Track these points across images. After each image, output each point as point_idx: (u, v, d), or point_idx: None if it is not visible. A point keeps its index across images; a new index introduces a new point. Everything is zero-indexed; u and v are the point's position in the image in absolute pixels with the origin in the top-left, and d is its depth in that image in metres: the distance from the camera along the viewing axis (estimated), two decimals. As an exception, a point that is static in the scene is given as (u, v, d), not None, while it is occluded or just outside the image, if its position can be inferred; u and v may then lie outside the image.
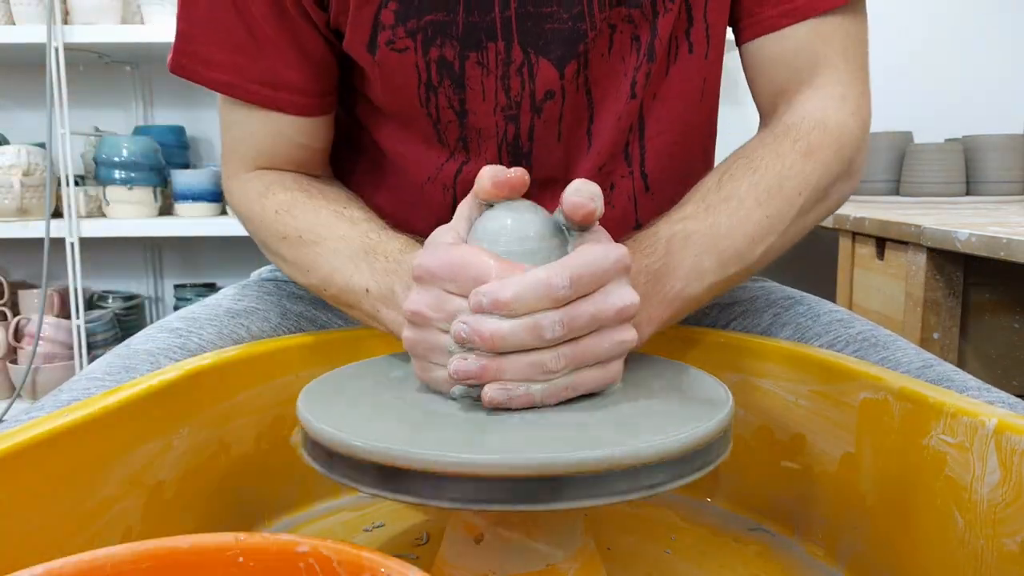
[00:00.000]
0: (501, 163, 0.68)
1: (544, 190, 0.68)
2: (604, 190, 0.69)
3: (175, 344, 0.63)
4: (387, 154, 0.74)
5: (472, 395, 0.45)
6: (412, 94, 0.67)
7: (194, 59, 0.68)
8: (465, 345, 0.43)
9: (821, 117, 0.64)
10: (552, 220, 0.46)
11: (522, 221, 0.46)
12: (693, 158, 0.74)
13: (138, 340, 0.65)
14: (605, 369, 0.46)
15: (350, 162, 0.78)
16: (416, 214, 0.73)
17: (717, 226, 0.59)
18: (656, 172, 0.71)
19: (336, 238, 0.63)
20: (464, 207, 0.49)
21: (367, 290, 0.59)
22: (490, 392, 0.43)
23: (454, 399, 0.46)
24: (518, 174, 0.46)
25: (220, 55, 0.67)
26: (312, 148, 0.73)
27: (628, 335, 0.46)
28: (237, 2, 0.65)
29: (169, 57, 0.69)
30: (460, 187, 0.71)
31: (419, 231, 0.72)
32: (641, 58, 0.66)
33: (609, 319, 0.44)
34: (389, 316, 0.58)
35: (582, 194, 0.44)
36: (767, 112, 0.71)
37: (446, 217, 0.71)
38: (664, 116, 0.69)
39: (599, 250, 0.45)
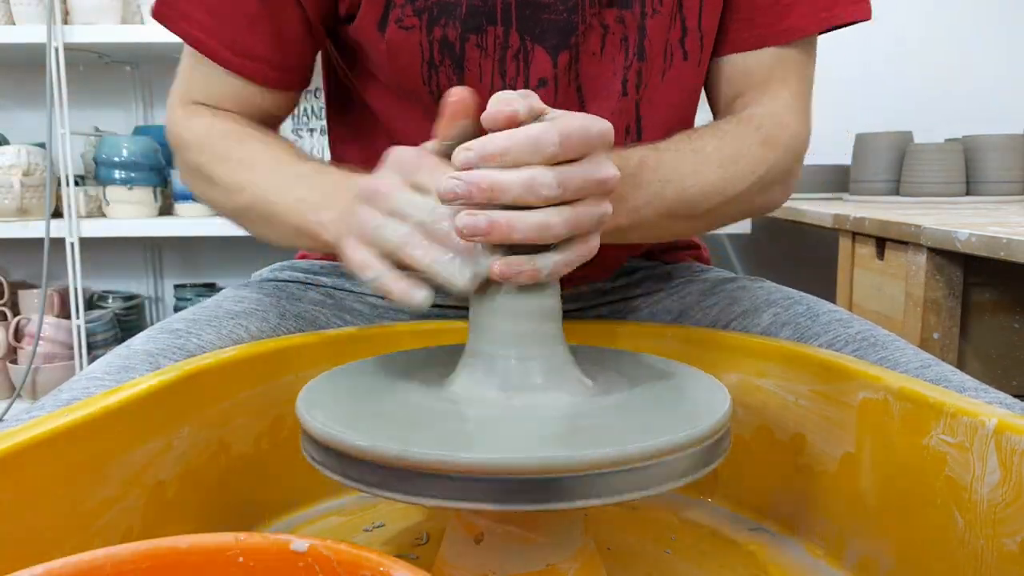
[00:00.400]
0: None
1: None
2: None
3: (174, 345, 0.63)
4: (385, 125, 0.75)
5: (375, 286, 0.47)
6: (416, 71, 0.69)
7: (173, 10, 0.71)
8: (456, 202, 0.43)
9: (780, 115, 0.70)
10: None
11: None
12: None
13: (138, 341, 0.65)
14: (586, 243, 0.46)
15: (361, 136, 0.79)
16: None
17: (683, 166, 0.63)
18: None
19: (277, 162, 0.66)
20: (428, 146, 0.51)
21: (299, 199, 0.62)
22: (498, 267, 0.43)
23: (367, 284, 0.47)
24: (458, 93, 0.47)
25: (197, 12, 0.70)
26: (268, 113, 0.75)
27: (608, 208, 0.46)
28: None
29: (153, 3, 0.72)
30: None
31: None
32: (631, 57, 0.69)
33: (595, 188, 0.45)
34: (319, 218, 0.59)
35: (498, 102, 0.44)
36: (724, 112, 0.75)
37: None
38: (660, 121, 0.72)
39: (585, 118, 0.45)
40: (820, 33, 0.72)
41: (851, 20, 0.71)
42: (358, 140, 0.80)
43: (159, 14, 0.71)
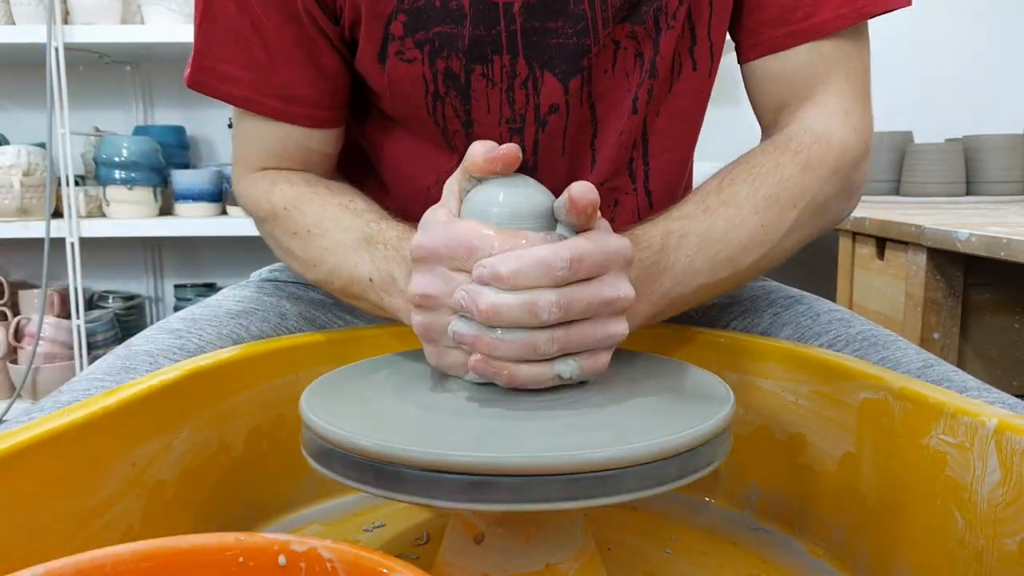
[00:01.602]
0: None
1: None
2: (607, 205, 0.70)
3: (174, 345, 0.63)
4: (395, 160, 0.74)
5: (485, 379, 0.45)
6: (420, 103, 0.68)
7: (211, 75, 0.70)
8: (465, 313, 0.44)
9: (823, 131, 0.65)
10: (548, 197, 0.46)
11: (516, 195, 0.46)
12: (688, 176, 0.75)
13: (138, 341, 0.65)
14: (593, 359, 0.46)
15: (358, 171, 0.79)
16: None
17: (713, 229, 0.59)
18: (660, 189, 0.72)
19: (340, 230, 0.64)
20: (453, 183, 0.49)
21: (370, 279, 0.60)
22: (473, 362, 0.44)
23: (468, 381, 0.46)
24: (511, 149, 0.46)
25: (236, 70, 0.69)
26: (323, 153, 0.74)
27: (619, 328, 0.46)
28: (254, 19, 0.67)
29: (187, 73, 0.71)
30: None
31: None
32: (643, 75, 0.67)
33: (603, 308, 0.45)
34: (393, 304, 0.59)
35: (586, 190, 0.44)
36: (768, 125, 0.71)
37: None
38: (667, 133, 0.70)
39: (601, 237, 0.45)
40: (859, 22, 0.67)
41: (890, 7, 0.66)
42: (354, 179, 0.79)
43: (196, 82, 0.70)
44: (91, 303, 2.31)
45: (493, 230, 0.44)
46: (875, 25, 0.70)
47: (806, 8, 0.66)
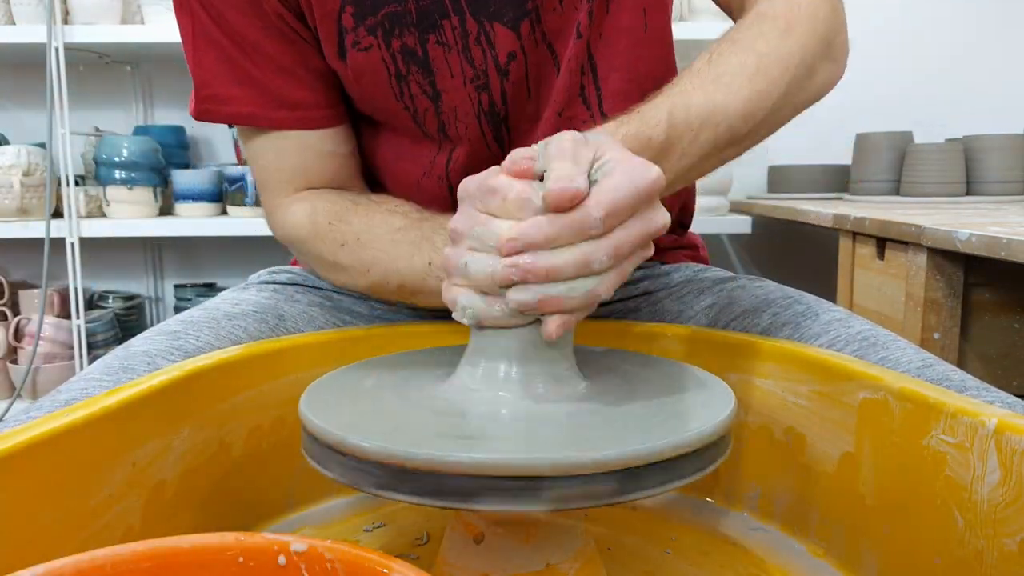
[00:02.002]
0: (483, 133, 0.71)
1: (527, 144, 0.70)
2: None
3: (172, 346, 0.63)
4: (383, 161, 0.76)
5: (477, 322, 0.46)
6: (386, 89, 0.69)
7: (214, 101, 0.71)
8: (520, 278, 0.43)
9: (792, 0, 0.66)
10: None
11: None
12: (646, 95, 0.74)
13: (137, 342, 0.65)
14: (639, 254, 0.46)
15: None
16: (421, 204, 0.75)
17: (712, 100, 0.61)
18: (617, 111, 0.70)
19: (394, 230, 0.66)
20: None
21: (429, 263, 0.62)
22: (551, 326, 0.44)
23: (465, 324, 0.47)
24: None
25: (235, 91, 0.70)
26: (341, 154, 0.75)
27: (660, 219, 0.46)
28: (238, 39, 0.68)
29: (191, 107, 0.72)
30: (453, 176, 0.73)
31: None
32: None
33: (645, 242, 0.45)
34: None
35: (561, 181, 0.43)
36: (737, 10, 0.72)
37: (447, 209, 0.73)
38: (612, 54, 0.70)
39: (628, 182, 0.44)
40: None
41: None
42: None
43: (199, 113, 0.71)
44: (91, 303, 2.31)
45: (516, 180, 0.44)
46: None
47: None
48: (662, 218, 0.46)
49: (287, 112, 0.71)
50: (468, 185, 0.46)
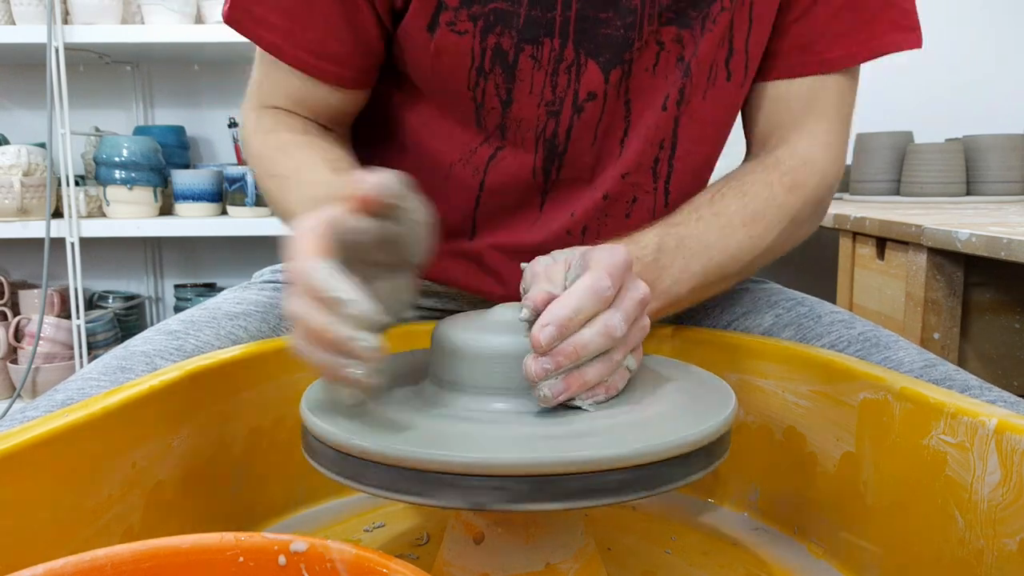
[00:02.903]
0: (536, 156, 0.71)
1: (571, 188, 0.72)
2: (627, 201, 0.71)
3: (172, 346, 0.63)
4: (417, 134, 0.74)
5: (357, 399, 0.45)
6: (463, 76, 0.68)
7: (248, 15, 0.69)
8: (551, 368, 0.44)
9: (809, 158, 0.70)
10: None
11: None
12: (708, 182, 0.76)
13: (135, 342, 0.65)
14: (638, 351, 0.49)
15: (376, 139, 0.79)
16: (440, 195, 0.73)
17: (706, 236, 0.64)
18: (678, 192, 0.72)
19: (313, 183, 0.65)
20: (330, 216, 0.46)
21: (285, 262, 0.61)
22: (580, 404, 0.45)
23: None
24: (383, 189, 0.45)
25: (273, 16, 0.68)
26: (342, 112, 0.75)
27: (647, 321, 0.49)
28: None
29: (224, 7, 0.70)
30: (491, 172, 0.72)
31: (442, 212, 0.73)
32: (679, 74, 0.68)
33: (642, 309, 0.47)
34: None
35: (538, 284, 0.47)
36: (757, 144, 0.75)
37: (471, 199, 0.73)
38: (697, 138, 0.71)
39: (611, 252, 0.47)
40: (869, 60, 0.71)
41: (902, 48, 0.70)
42: (370, 148, 0.79)
43: (231, 19, 0.70)
44: (91, 303, 2.31)
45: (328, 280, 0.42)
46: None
47: (827, 41, 0.70)
48: (643, 285, 0.48)
49: (315, 60, 0.69)
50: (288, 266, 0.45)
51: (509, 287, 0.74)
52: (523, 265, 0.53)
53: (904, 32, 0.71)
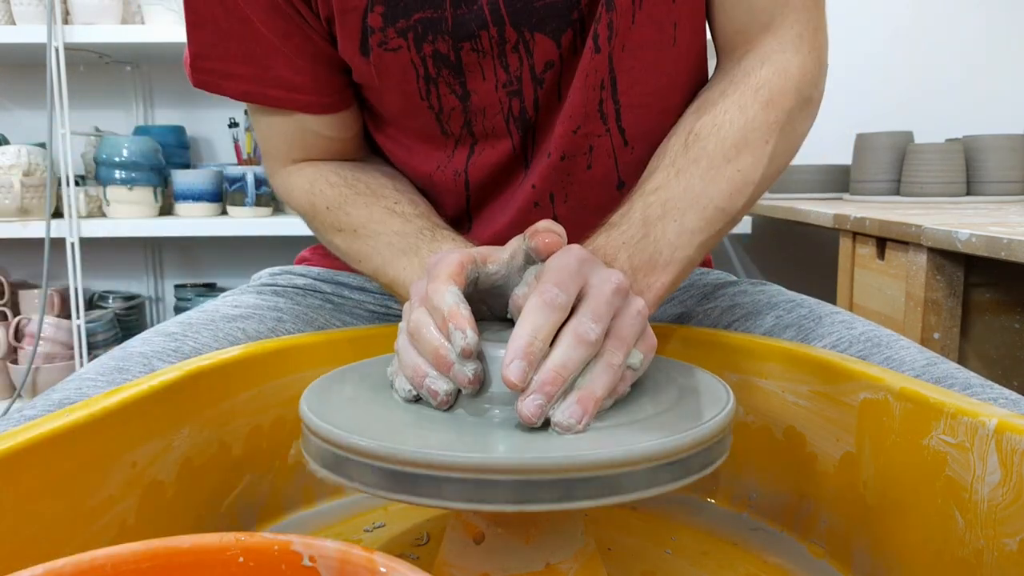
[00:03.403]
0: (510, 135, 0.70)
1: (539, 159, 0.71)
2: (583, 152, 0.70)
3: (169, 347, 0.63)
4: (393, 154, 0.75)
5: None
6: (412, 89, 0.68)
7: (212, 74, 0.70)
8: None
9: (781, 63, 0.65)
10: None
11: None
12: (673, 108, 0.71)
13: (133, 343, 0.65)
14: (645, 340, 0.46)
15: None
16: (431, 199, 0.75)
17: (692, 188, 0.60)
18: (634, 126, 0.70)
19: (390, 233, 0.67)
20: (516, 242, 0.50)
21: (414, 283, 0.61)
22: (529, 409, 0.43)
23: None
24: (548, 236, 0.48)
25: (234, 67, 0.69)
26: (342, 139, 0.75)
27: (639, 303, 0.46)
28: (241, 16, 0.67)
29: (188, 74, 0.72)
30: (473, 171, 0.72)
31: (441, 210, 0.75)
32: (599, 8, 0.65)
33: (616, 297, 0.45)
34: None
35: (552, 232, 0.47)
36: (725, 50, 0.70)
37: (459, 203, 0.73)
38: (635, 67, 0.68)
39: (558, 256, 0.46)
40: None
41: None
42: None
43: (199, 83, 0.71)
44: (91, 303, 2.31)
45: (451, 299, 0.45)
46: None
47: None
48: (613, 274, 0.45)
49: (287, 94, 0.70)
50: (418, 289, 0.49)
51: None
52: (508, 305, 0.50)
53: None
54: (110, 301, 2.32)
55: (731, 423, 0.45)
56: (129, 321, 2.32)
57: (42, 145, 2.09)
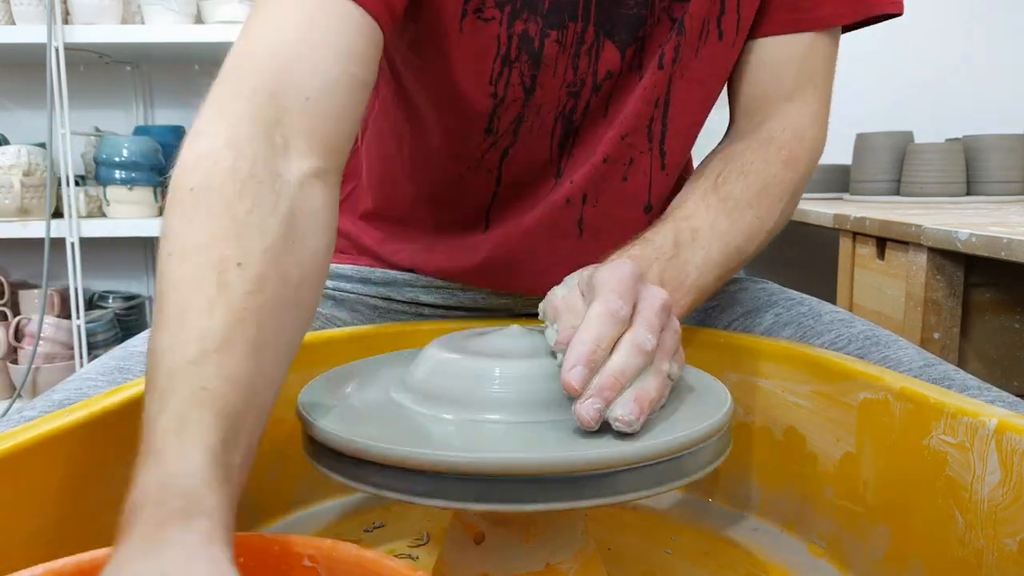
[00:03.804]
0: (552, 135, 0.71)
1: (576, 158, 0.72)
2: (624, 161, 0.71)
3: None
4: (423, 158, 0.74)
5: None
6: (485, 68, 0.67)
7: None
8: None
9: (799, 130, 0.70)
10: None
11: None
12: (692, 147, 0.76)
13: (134, 342, 0.65)
14: (679, 356, 0.47)
15: (388, 163, 0.78)
16: (453, 201, 0.75)
17: (719, 224, 0.63)
18: (673, 152, 0.72)
19: (202, 313, 0.40)
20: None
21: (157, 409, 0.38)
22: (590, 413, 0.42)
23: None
24: None
25: None
26: (355, 81, 0.53)
27: (676, 321, 0.48)
28: None
29: None
30: (505, 169, 0.72)
31: (462, 208, 0.75)
32: (671, 32, 0.68)
33: (664, 313, 0.46)
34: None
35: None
36: (743, 115, 0.73)
37: (486, 196, 0.73)
38: (689, 97, 0.71)
39: (615, 269, 0.46)
40: (853, 25, 0.72)
41: (887, 12, 0.71)
42: (383, 142, 0.78)
43: None
44: (91, 303, 2.31)
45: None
46: (876, 25, 0.72)
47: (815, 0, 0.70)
48: (661, 292, 0.46)
49: None
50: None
51: (513, 277, 0.74)
52: (540, 305, 0.51)
53: None
54: (110, 301, 2.32)
55: (730, 423, 0.45)
56: (129, 321, 2.31)
57: (42, 145, 2.09)
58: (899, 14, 0.72)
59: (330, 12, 0.52)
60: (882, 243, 1.38)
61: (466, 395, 0.44)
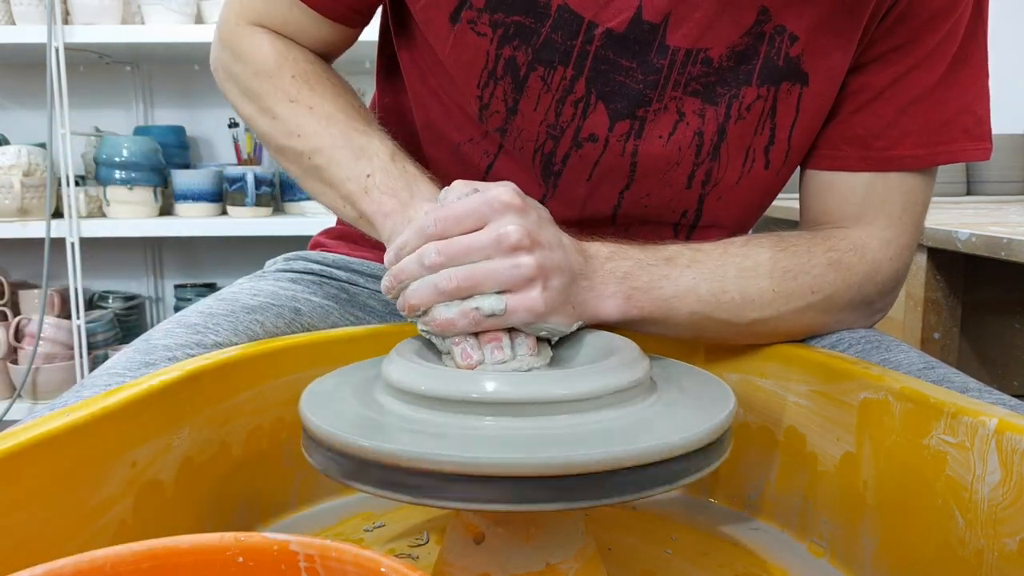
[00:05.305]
0: (533, 167, 0.70)
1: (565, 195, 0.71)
2: (641, 237, 0.69)
3: (192, 340, 0.63)
4: (430, 111, 0.74)
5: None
6: (474, 74, 0.67)
7: None
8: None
9: (860, 245, 0.64)
10: None
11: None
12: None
13: (157, 335, 0.64)
14: (518, 296, 0.49)
15: (401, 111, 0.79)
16: (453, 171, 0.74)
17: (725, 271, 0.59)
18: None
19: (350, 124, 0.66)
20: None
21: (370, 175, 0.63)
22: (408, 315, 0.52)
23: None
24: None
25: None
26: (329, 44, 0.73)
27: (523, 260, 0.49)
28: None
29: None
30: (499, 159, 0.72)
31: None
32: (703, 156, 0.66)
33: (490, 247, 0.49)
34: (387, 207, 0.62)
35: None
36: (808, 224, 0.71)
37: (478, 176, 0.73)
38: (722, 216, 0.70)
39: (473, 198, 0.50)
40: (932, 166, 0.68)
41: (968, 159, 0.67)
42: (397, 115, 0.79)
43: None
44: (91, 303, 2.31)
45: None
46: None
47: (888, 139, 0.66)
48: (508, 226, 0.49)
49: None
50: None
51: None
52: None
53: (975, 141, 0.67)
54: (110, 301, 2.32)
55: (732, 423, 0.45)
56: (129, 321, 2.32)
57: (42, 145, 2.09)
58: (986, 158, 0.69)
59: None
60: (882, 243, 1.38)
61: (464, 396, 0.44)
